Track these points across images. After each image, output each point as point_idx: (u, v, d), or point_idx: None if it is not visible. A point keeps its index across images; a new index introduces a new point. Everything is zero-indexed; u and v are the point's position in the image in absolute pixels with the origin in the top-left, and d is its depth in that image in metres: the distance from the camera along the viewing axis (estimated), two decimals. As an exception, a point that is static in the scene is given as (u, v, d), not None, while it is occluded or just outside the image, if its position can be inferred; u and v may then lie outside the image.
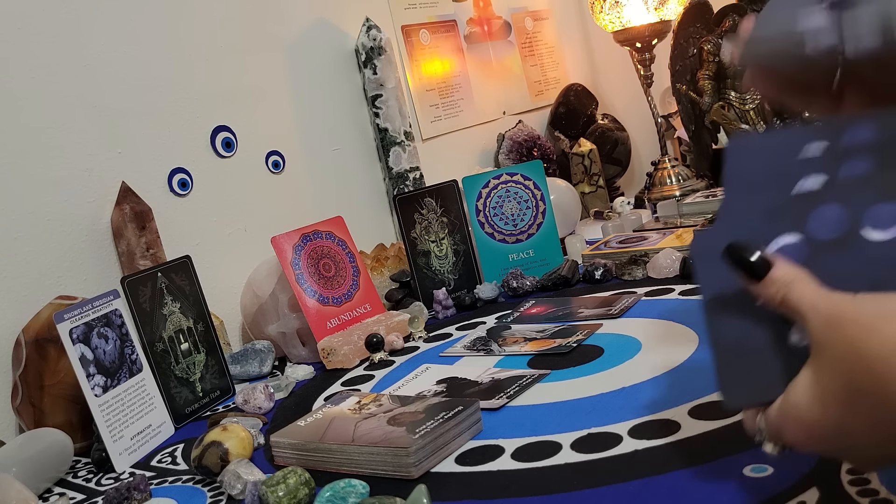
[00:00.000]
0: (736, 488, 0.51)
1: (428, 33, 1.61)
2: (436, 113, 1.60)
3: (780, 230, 0.45)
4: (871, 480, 0.49)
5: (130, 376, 0.88)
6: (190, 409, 0.94)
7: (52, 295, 0.97)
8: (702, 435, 0.60)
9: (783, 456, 0.45)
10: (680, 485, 0.53)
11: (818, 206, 0.45)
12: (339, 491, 0.61)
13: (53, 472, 0.83)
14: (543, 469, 0.61)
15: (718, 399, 0.48)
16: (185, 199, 1.16)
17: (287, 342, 1.09)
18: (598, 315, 0.97)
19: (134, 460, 0.84)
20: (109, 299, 0.88)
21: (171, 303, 0.95)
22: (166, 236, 1.10)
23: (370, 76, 1.42)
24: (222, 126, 1.22)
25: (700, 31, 1.55)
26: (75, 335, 0.83)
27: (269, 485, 0.63)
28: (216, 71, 1.22)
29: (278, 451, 0.73)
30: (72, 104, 1.05)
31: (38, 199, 1.01)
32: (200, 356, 0.98)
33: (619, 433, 0.63)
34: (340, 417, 0.74)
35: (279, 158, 1.30)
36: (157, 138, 1.14)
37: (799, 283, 0.43)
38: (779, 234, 0.45)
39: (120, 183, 1.06)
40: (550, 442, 0.65)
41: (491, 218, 1.23)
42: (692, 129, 1.58)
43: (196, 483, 0.74)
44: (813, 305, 0.42)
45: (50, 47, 1.03)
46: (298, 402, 0.91)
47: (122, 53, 1.11)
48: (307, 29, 1.38)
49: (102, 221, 1.06)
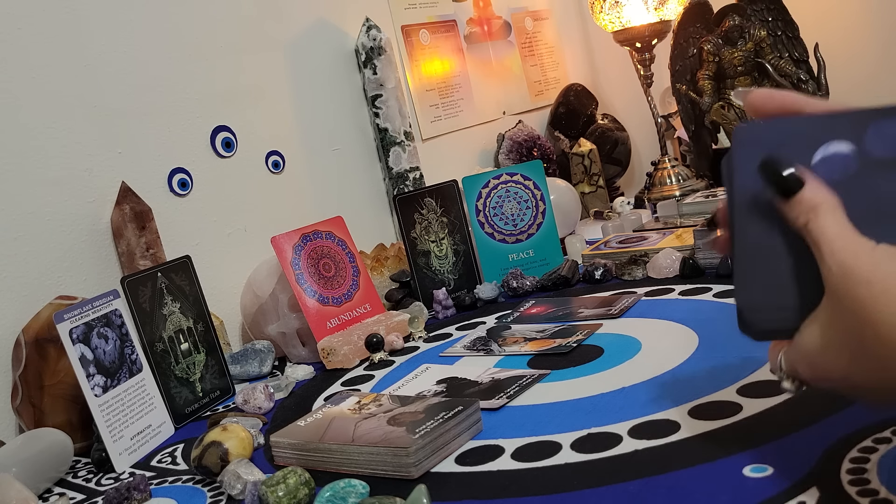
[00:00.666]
0: (736, 488, 0.51)
1: (428, 33, 1.61)
2: (436, 113, 1.60)
3: (833, 136, 0.41)
4: (870, 480, 0.49)
5: (130, 376, 0.88)
6: (190, 409, 0.94)
7: (51, 295, 0.97)
8: (702, 435, 0.60)
9: (800, 392, 0.46)
10: (680, 485, 0.53)
11: (880, 120, 0.41)
12: (339, 491, 0.61)
13: (53, 472, 0.82)
14: (543, 469, 0.60)
15: (737, 310, 0.46)
16: (184, 199, 1.16)
17: (287, 342, 1.09)
18: (598, 315, 0.96)
19: (134, 460, 0.84)
20: (109, 299, 0.88)
21: (171, 303, 0.95)
22: (166, 236, 1.10)
23: (370, 76, 1.42)
24: (222, 126, 1.22)
25: (700, 31, 1.55)
26: (75, 335, 0.83)
27: (269, 485, 0.63)
28: (216, 71, 1.22)
29: (278, 451, 0.73)
30: (72, 104, 1.05)
31: (38, 199, 1.00)
32: (200, 356, 0.98)
33: (619, 433, 0.63)
34: (340, 417, 0.74)
35: (279, 158, 1.30)
36: (157, 138, 1.14)
37: (825, 213, 0.41)
38: (830, 140, 0.42)
39: (120, 183, 1.06)
40: (550, 442, 0.65)
41: (491, 218, 1.23)
42: (692, 129, 1.58)
43: (196, 483, 0.74)
44: (831, 244, 0.40)
45: (50, 47, 1.03)
46: (298, 402, 0.91)
47: (122, 53, 1.11)
48: (307, 29, 1.38)
49: (102, 221, 1.06)
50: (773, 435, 0.57)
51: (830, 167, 0.41)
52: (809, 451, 0.53)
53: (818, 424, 0.57)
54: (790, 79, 1.41)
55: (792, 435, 0.56)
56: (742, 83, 1.46)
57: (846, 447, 0.53)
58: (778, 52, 1.45)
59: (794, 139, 0.43)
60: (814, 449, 0.53)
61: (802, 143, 0.43)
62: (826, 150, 0.42)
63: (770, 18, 1.46)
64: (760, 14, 1.47)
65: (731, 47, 1.46)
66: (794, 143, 0.43)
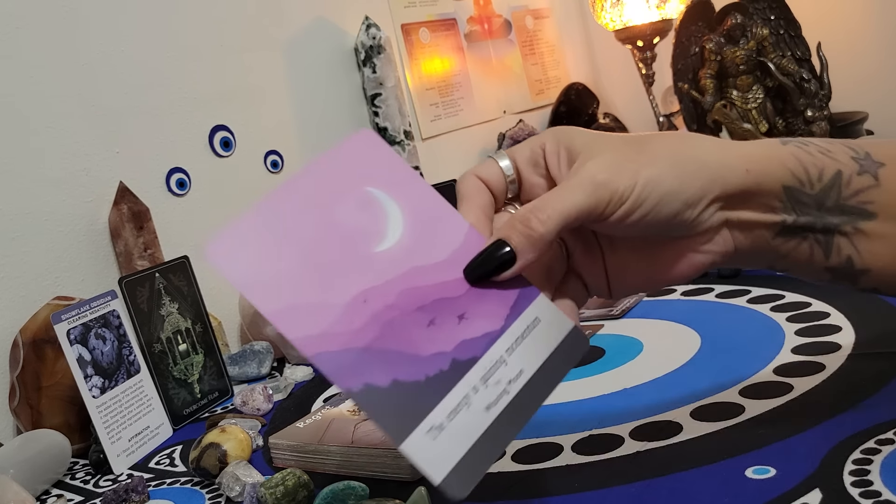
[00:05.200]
0: (738, 490, 0.51)
1: (428, 32, 1.61)
2: (436, 112, 1.59)
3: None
4: (873, 482, 0.48)
5: (128, 377, 0.87)
6: (188, 410, 0.94)
7: (49, 295, 0.97)
8: (704, 436, 0.59)
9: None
10: (682, 486, 0.53)
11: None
12: (339, 493, 0.61)
13: (51, 474, 0.82)
14: (544, 471, 0.60)
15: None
16: (183, 199, 1.16)
17: (286, 343, 1.08)
18: (600, 316, 0.96)
19: (132, 462, 0.84)
20: (107, 300, 0.88)
21: (169, 303, 0.95)
22: (164, 236, 1.10)
23: (369, 75, 1.42)
24: (220, 125, 1.22)
25: (702, 29, 1.54)
26: (73, 336, 0.82)
27: (268, 487, 0.62)
28: (214, 70, 1.22)
29: (277, 452, 0.72)
30: (69, 103, 1.05)
31: (36, 199, 1.00)
32: (199, 357, 0.97)
33: (620, 434, 0.63)
34: (340, 419, 0.74)
35: (278, 158, 1.29)
36: (155, 138, 1.14)
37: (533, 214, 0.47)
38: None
39: (117, 183, 1.05)
40: (551, 443, 0.64)
41: (491, 217, 1.23)
42: (694, 128, 1.58)
43: (194, 485, 0.73)
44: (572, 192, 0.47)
45: (47, 46, 1.03)
46: (297, 403, 0.91)
47: (119, 52, 1.11)
48: (306, 27, 1.38)
49: (100, 221, 1.06)
50: (775, 436, 0.56)
51: None
52: (812, 452, 0.53)
53: (821, 426, 0.56)
54: (792, 77, 1.41)
55: (795, 436, 0.56)
56: (744, 82, 1.45)
57: (849, 449, 0.52)
58: (780, 51, 1.45)
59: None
60: (817, 450, 0.53)
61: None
62: None
63: (772, 17, 1.45)
64: (763, 13, 1.46)
65: (733, 46, 1.46)
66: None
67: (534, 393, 0.44)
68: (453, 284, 0.46)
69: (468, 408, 0.42)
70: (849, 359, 0.67)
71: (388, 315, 0.43)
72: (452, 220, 0.49)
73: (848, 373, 0.64)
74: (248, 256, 0.42)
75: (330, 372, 0.40)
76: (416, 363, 0.42)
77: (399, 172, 0.49)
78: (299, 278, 0.42)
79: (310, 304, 0.42)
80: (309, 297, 0.42)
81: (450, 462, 0.40)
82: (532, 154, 0.52)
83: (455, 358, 0.43)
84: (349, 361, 0.41)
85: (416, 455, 0.39)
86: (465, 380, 0.43)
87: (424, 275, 0.46)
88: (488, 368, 0.44)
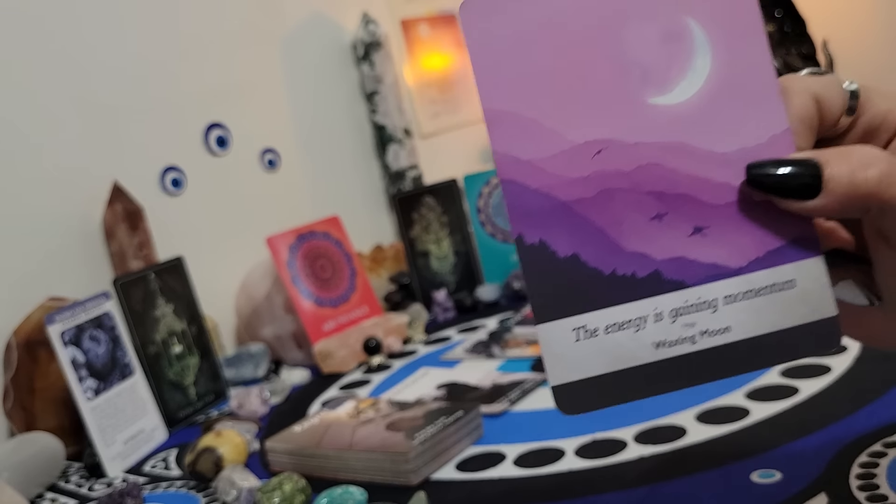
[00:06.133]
0: (744, 494, 0.50)
1: (428, 27, 1.60)
2: (435, 109, 1.58)
3: None
4: (880, 486, 0.48)
5: (122, 379, 0.86)
6: (183, 413, 0.93)
7: (42, 296, 0.96)
8: (709, 440, 0.59)
9: None
10: (686, 491, 0.52)
11: None
12: (337, 497, 0.60)
13: (45, 477, 0.81)
14: (547, 476, 0.59)
15: None
16: (177, 199, 1.15)
17: (282, 345, 1.08)
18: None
19: (126, 465, 0.83)
20: (101, 301, 0.87)
21: (163, 304, 0.94)
22: (159, 236, 1.09)
23: (368, 71, 1.41)
24: (216, 123, 1.21)
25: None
26: (66, 337, 0.81)
27: (265, 491, 0.62)
28: (209, 66, 1.21)
29: (274, 456, 0.72)
30: (62, 101, 1.04)
31: (28, 198, 0.99)
32: (194, 359, 0.96)
33: (624, 439, 0.62)
34: (337, 422, 0.73)
35: (274, 156, 1.29)
36: (149, 136, 1.13)
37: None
38: None
39: (111, 182, 1.04)
40: (554, 448, 0.64)
41: (493, 218, 1.22)
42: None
43: (190, 489, 0.73)
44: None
45: (39, 43, 1.02)
46: (294, 406, 0.90)
47: (113, 49, 1.10)
48: (303, 23, 1.37)
49: (93, 221, 1.05)
50: (781, 440, 0.56)
51: None
52: (818, 456, 0.52)
53: (827, 429, 0.56)
54: (795, 75, 1.41)
55: (800, 440, 0.55)
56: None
57: (855, 452, 0.52)
58: (786, 48, 1.44)
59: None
60: (822, 454, 0.53)
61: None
62: None
63: (778, 14, 1.45)
64: (769, 9, 1.46)
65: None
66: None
67: (724, 362, 0.35)
68: (715, 188, 0.35)
69: (636, 332, 0.35)
70: (855, 362, 0.67)
71: (615, 182, 0.35)
72: (770, 112, 0.36)
73: (854, 376, 0.64)
74: (501, 32, 0.35)
75: (512, 207, 0.35)
76: (612, 252, 0.35)
77: (743, 17, 0.36)
78: (543, 88, 0.35)
79: (538, 122, 0.35)
80: (542, 115, 0.35)
81: (578, 373, 0.35)
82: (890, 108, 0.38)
83: (658, 270, 0.35)
84: (539, 207, 0.35)
85: (547, 345, 0.34)
86: (654, 301, 0.35)
87: (689, 158, 0.35)
88: (689, 304, 0.35)
